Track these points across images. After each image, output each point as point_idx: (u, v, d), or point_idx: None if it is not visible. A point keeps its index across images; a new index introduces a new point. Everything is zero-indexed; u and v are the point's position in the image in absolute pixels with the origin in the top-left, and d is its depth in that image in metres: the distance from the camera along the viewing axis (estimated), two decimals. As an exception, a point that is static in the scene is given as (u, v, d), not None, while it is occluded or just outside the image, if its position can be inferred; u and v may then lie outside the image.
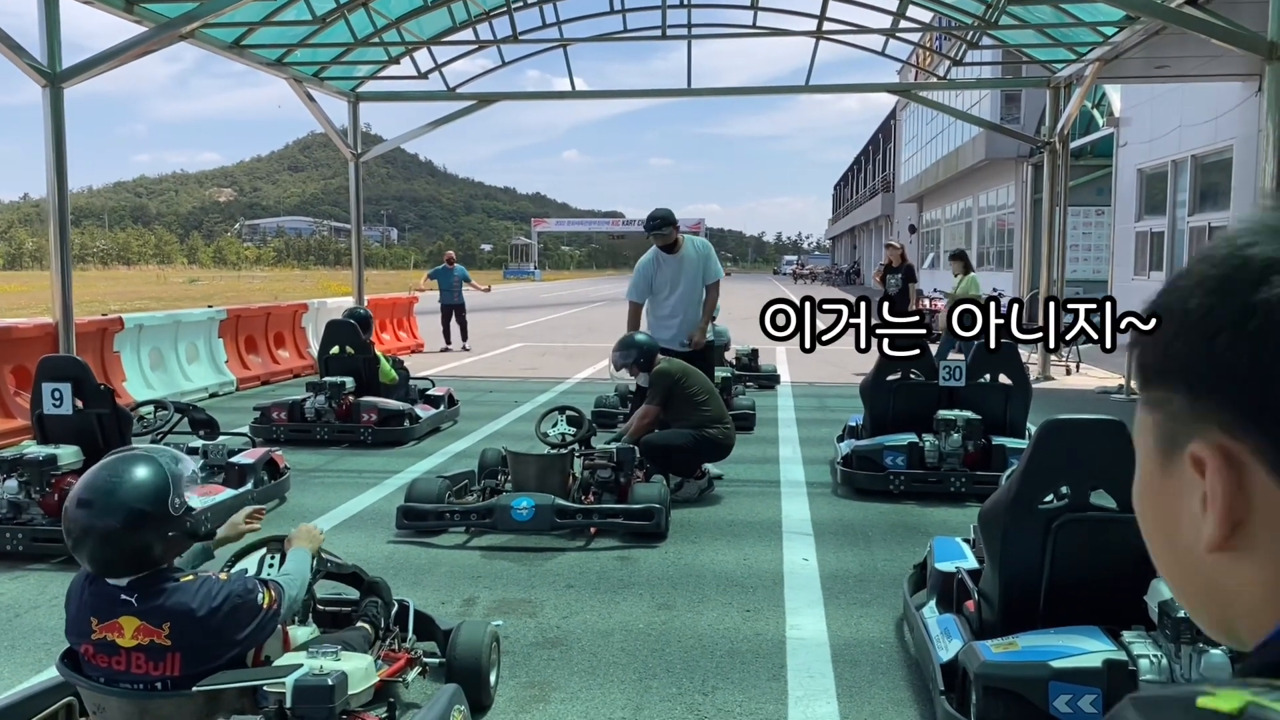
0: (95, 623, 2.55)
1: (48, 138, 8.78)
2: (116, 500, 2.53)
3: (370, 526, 6.05)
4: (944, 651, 3.46)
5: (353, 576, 3.64)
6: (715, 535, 5.90)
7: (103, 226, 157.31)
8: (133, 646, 2.53)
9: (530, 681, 3.82)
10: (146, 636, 2.53)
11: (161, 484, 2.60)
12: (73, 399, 5.73)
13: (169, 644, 2.53)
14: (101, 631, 2.54)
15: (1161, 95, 16.36)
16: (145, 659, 2.53)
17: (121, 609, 2.53)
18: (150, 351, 11.38)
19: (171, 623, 2.54)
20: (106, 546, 2.52)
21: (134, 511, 2.53)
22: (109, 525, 2.51)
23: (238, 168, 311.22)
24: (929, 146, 38.26)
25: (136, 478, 2.58)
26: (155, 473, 2.61)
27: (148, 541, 2.55)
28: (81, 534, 2.53)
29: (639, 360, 6.72)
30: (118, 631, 2.53)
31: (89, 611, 2.56)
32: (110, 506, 2.53)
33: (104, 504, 2.53)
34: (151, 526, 2.55)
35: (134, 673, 2.54)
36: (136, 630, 2.53)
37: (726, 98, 20.94)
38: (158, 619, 2.53)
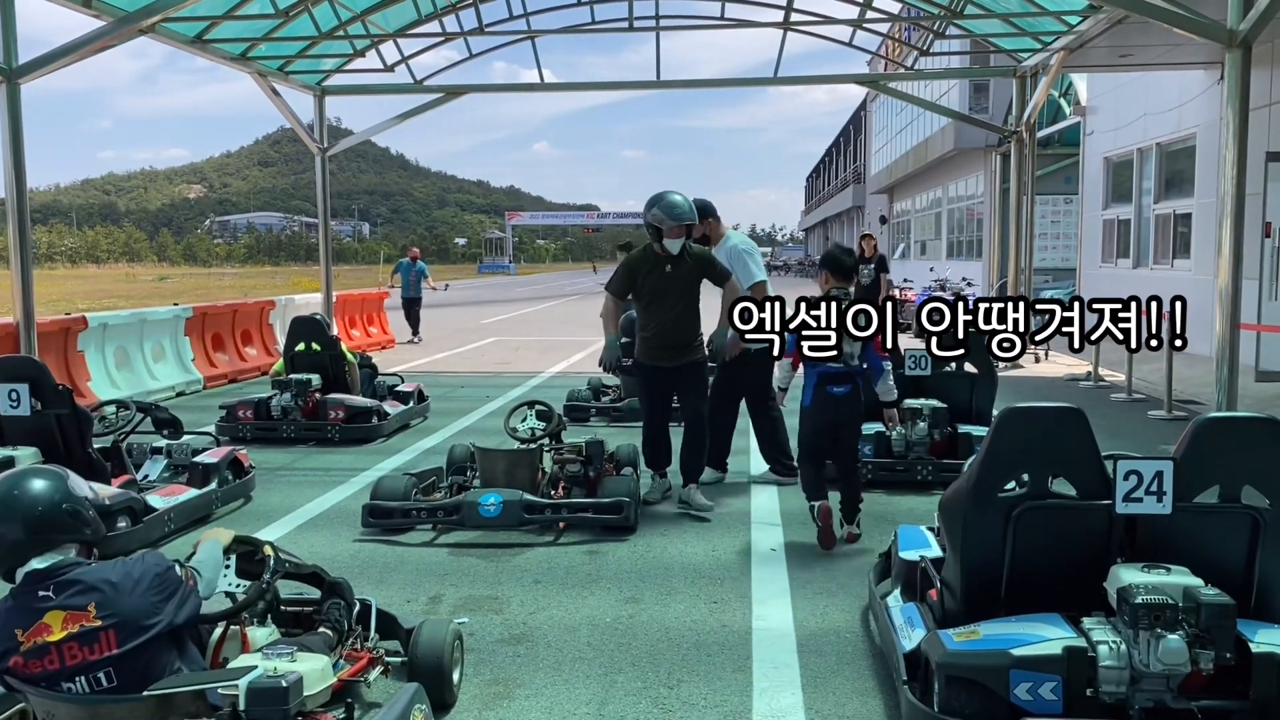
0: (20, 633, 2.51)
1: (5, 135, 8.65)
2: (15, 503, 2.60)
3: (336, 525, 6.00)
4: (907, 641, 3.46)
5: (313, 576, 3.59)
6: (684, 527, 5.89)
7: (71, 225, 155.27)
8: (63, 638, 2.49)
9: (495, 679, 3.79)
10: (75, 623, 2.50)
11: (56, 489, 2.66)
12: (30, 400, 5.65)
13: (98, 623, 2.51)
14: (29, 639, 2.50)
15: (1126, 84, 16.48)
16: (79, 646, 2.50)
17: (42, 605, 2.51)
18: (115, 351, 11.23)
19: (95, 600, 2.52)
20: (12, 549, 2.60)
21: (34, 515, 2.59)
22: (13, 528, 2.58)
23: (207, 164, 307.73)
24: (899, 138, 38.41)
25: (33, 482, 2.65)
26: (50, 479, 2.69)
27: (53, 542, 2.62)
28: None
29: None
30: (45, 631, 2.50)
31: (11, 627, 2.53)
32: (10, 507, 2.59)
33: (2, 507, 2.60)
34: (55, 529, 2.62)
35: (69, 665, 2.50)
36: (64, 621, 2.50)
37: (697, 90, 20.93)
38: (81, 601, 2.51)
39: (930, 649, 3.19)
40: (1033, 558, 3.34)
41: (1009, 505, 3.34)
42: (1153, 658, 2.93)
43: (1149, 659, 2.93)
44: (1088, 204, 18.90)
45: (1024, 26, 12.21)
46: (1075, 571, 3.32)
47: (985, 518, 3.35)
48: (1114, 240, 17.68)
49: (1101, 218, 18.12)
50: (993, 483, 3.38)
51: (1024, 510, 3.32)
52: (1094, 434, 3.37)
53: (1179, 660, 2.90)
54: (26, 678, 2.53)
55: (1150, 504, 3.20)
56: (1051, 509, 3.34)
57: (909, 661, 3.36)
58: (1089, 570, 3.28)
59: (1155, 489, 3.18)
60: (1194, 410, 9.32)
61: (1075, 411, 3.39)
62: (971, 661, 3.05)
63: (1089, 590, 3.27)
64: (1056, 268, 22.17)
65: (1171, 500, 3.19)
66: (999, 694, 2.99)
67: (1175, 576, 3.06)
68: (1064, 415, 3.38)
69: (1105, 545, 3.32)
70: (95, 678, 2.54)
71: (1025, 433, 3.38)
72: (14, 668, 2.53)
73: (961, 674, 3.04)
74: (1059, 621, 3.14)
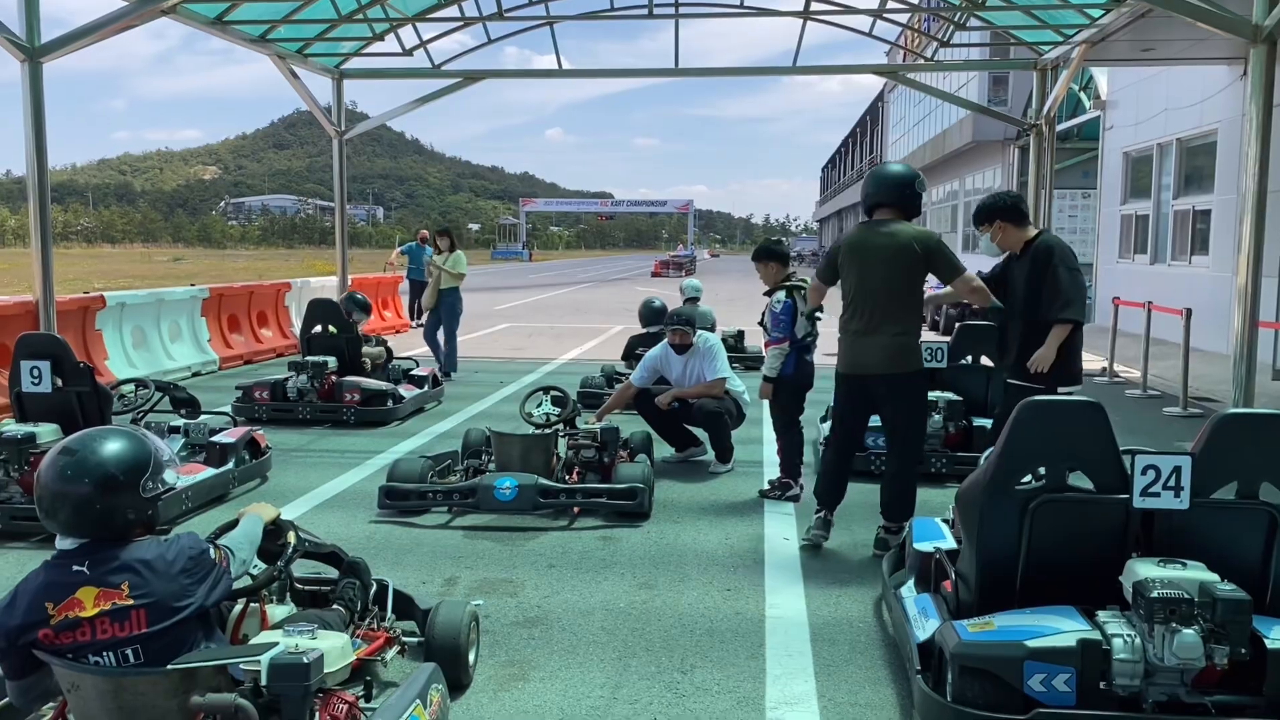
0: (51, 607, 2.52)
1: (27, 114, 8.68)
2: (95, 459, 2.55)
3: (352, 506, 6.04)
4: (921, 631, 3.48)
5: (331, 556, 3.63)
6: (698, 515, 5.91)
7: (87, 205, 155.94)
8: (95, 614, 2.51)
9: (510, 660, 3.83)
10: (107, 600, 2.51)
11: (141, 459, 2.61)
12: (51, 377, 5.70)
13: (131, 601, 2.52)
14: (60, 612, 2.52)
15: (1148, 78, 16.37)
16: (110, 621, 2.52)
17: (76, 580, 2.52)
18: (133, 330, 11.30)
19: (129, 579, 2.53)
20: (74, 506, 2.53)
21: (109, 475, 2.54)
22: (81, 486, 2.52)
23: (222, 145, 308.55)
24: (916, 129, 38.23)
25: (119, 445, 2.60)
26: (137, 446, 2.63)
27: (112, 509, 2.55)
28: (53, 482, 2.53)
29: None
30: (77, 606, 2.52)
31: (42, 598, 2.54)
32: (87, 464, 2.53)
33: (83, 459, 2.54)
34: (121, 496, 2.55)
35: (100, 638, 2.52)
36: (97, 598, 2.51)
37: (713, 79, 20.81)
38: (115, 579, 2.52)
39: (944, 639, 3.21)
40: (1049, 551, 3.35)
41: (1026, 498, 3.35)
42: (1167, 652, 2.93)
43: (1163, 653, 2.94)
44: (1106, 199, 18.80)
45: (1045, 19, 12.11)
46: (1091, 565, 3.33)
47: (1002, 510, 3.36)
48: (1132, 236, 17.59)
49: (1120, 213, 18.02)
50: (1010, 475, 3.38)
51: (1041, 503, 3.33)
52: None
53: (1194, 655, 2.91)
54: (54, 649, 2.56)
55: (1168, 499, 3.20)
56: (1068, 502, 3.35)
57: (922, 651, 3.38)
58: (1105, 564, 3.29)
59: (1173, 484, 3.19)
60: (1209, 408, 9.29)
61: (1094, 406, 3.39)
62: (986, 652, 3.06)
63: (1104, 584, 3.27)
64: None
65: (1189, 495, 3.20)
66: (1013, 685, 3.01)
67: (1191, 571, 3.07)
68: (1083, 409, 3.39)
69: (1121, 539, 3.33)
70: (123, 653, 2.57)
71: (1044, 426, 3.38)
72: (43, 639, 2.56)
73: (975, 664, 3.05)
74: (1074, 614, 3.15)
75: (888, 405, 5.20)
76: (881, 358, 5.07)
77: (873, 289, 5.09)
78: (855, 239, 5.22)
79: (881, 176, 5.26)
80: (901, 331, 5.06)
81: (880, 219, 5.15)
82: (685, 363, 7.16)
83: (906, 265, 5.01)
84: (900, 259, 5.00)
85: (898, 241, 5.01)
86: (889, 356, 5.06)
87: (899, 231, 5.04)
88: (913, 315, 5.11)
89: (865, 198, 5.28)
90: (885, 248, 5.04)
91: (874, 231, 5.13)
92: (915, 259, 4.99)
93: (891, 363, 5.06)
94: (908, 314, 5.09)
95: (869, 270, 5.09)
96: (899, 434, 5.23)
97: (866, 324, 5.11)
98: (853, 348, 5.19)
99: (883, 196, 5.15)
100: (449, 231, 12.19)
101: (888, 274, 5.05)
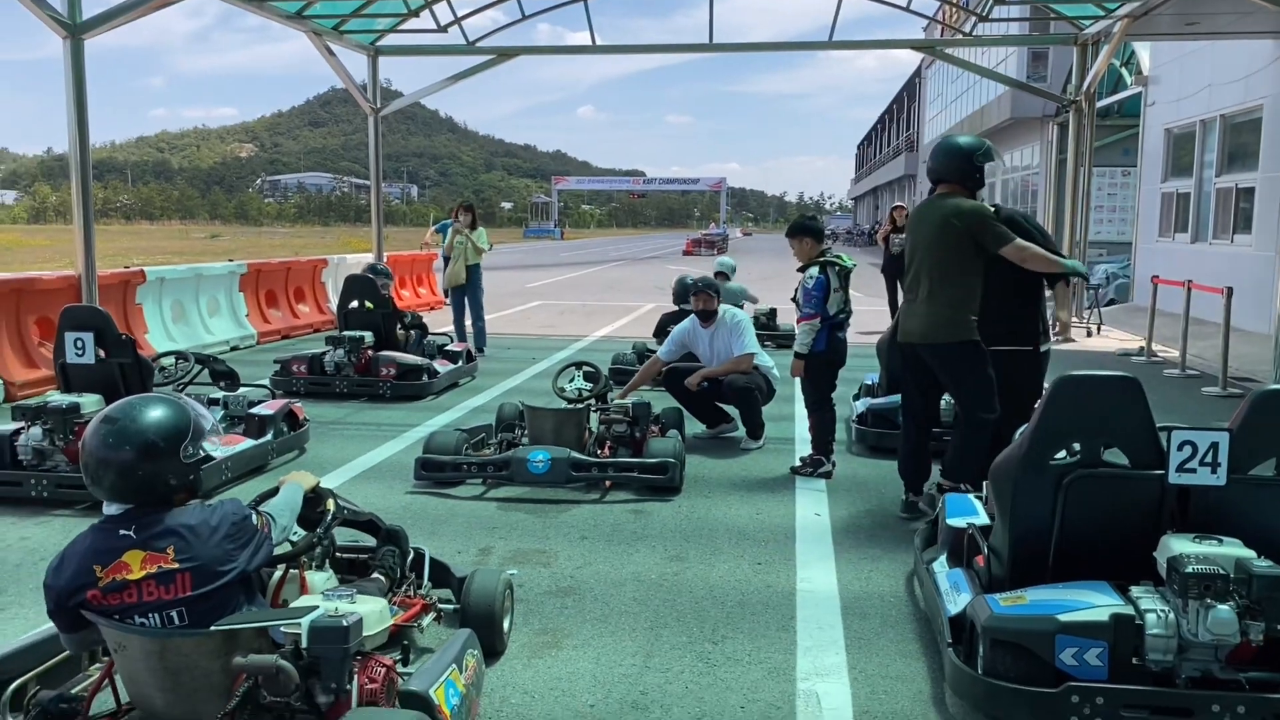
0: (99, 569, 2.59)
1: (68, 90, 8.82)
2: (136, 427, 2.61)
3: (388, 478, 6.12)
4: (952, 605, 3.48)
5: (369, 524, 3.69)
6: (729, 490, 5.94)
7: (126, 182, 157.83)
8: (142, 577, 2.58)
9: (543, 629, 3.88)
10: (154, 564, 2.58)
11: (181, 426, 2.67)
12: (95, 348, 5.81)
13: (176, 565, 2.58)
14: (107, 575, 2.59)
15: (1191, 53, 16.05)
16: (156, 584, 2.58)
17: (123, 545, 2.59)
18: (172, 304, 11.47)
19: (175, 543, 2.59)
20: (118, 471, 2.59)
21: (150, 442, 2.60)
22: (123, 452, 2.58)
23: (259, 123, 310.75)
24: (954, 105, 37.79)
25: (159, 412, 2.67)
26: (177, 414, 2.70)
27: (154, 475, 2.61)
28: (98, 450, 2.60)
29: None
30: (124, 569, 2.58)
31: (90, 561, 2.60)
32: (129, 432, 2.60)
33: (124, 427, 2.61)
34: (162, 462, 2.61)
35: (146, 600, 2.59)
36: (143, 561, 2.58)
37: (746, 55, 20.68)
38: (161, 544, 2.59)
39: (976, 613, 3.21)
40: (1082, 526, 3.34)
41: (1060, 473, 3.33)
42: (1201, 627, 2.92)
43: (1197, 629, 2.93)
44: (1146, 177, 18.50)
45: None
46: (1125, 541, 3.32)
47: (1036, 485, 3.35)
48: (1172, 214, 17.31)
49: (1160, 191, 17.73)
50: (1045, 450, 3.37)
51: (1075, 478, 3.31)
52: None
53: (1228, 631, 2.89)
54: (102, 610, 2.63)
55: (1204, 475, 3.18)
56: (1103, 478, 3.33)
57: (954, 625, 3.39)
58: (1139, 540, 3.27)
59: (1210, 460, 3.17)
60: (1249, 387, 9.16)
61: (1131, 381, 3.36)
62: (1017, 626, 3.06)
63: (1138, 560, 3.26)
64: (1112, 241, 21.78)
65: (1226, 472, 3.17)
66: (1044, 659, 3.01)
67: (1227, 548, 3.05)
68: (1120, 384, 3.36)
69: (1156, 516, 3.31)
70: (168, 615, 2.63)
71: (1079, 401, 3.36)
72: (91, 600, 2.63)
73: (1007, 638, 3.05)
74: (1107, 589, 3.14)
75: (939, 375, 5.23)
76: (923, 327, 5.13)
77: (922, 261, 5.15)
78: (916, 212, 5.34)
79: (939, 150, 5.26)
80: (945, 304, 5.06)
81: (939, 193, 5.17)
82: (712, 337, 7.13)
83: (949, 240, 5.01)
84: (944, 234, 5.01)
85: (940, 215, 5.04)
86: (930, 326, 5.10)
87: (943, 206, 5.06)
88: (959, 289, 5.06)
89: (929, 171, 5.30)
90: (933, 222, 5.09)
91: (928, 205, 5.21)
92: (957, 233, 4.97)
93: (932, 332, 5.10)
94: (953, 288, 5.06)
95: (920, 243, 5.17)
96: (959, 402, 5.26)
97: (915, 294, 5.20)
98: (903, 316, 5.34)
99: (940, 171, 5.17)
100: (472, 207, 12.21)
101: (933, 248, 5.08)
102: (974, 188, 5.16)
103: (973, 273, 5.08)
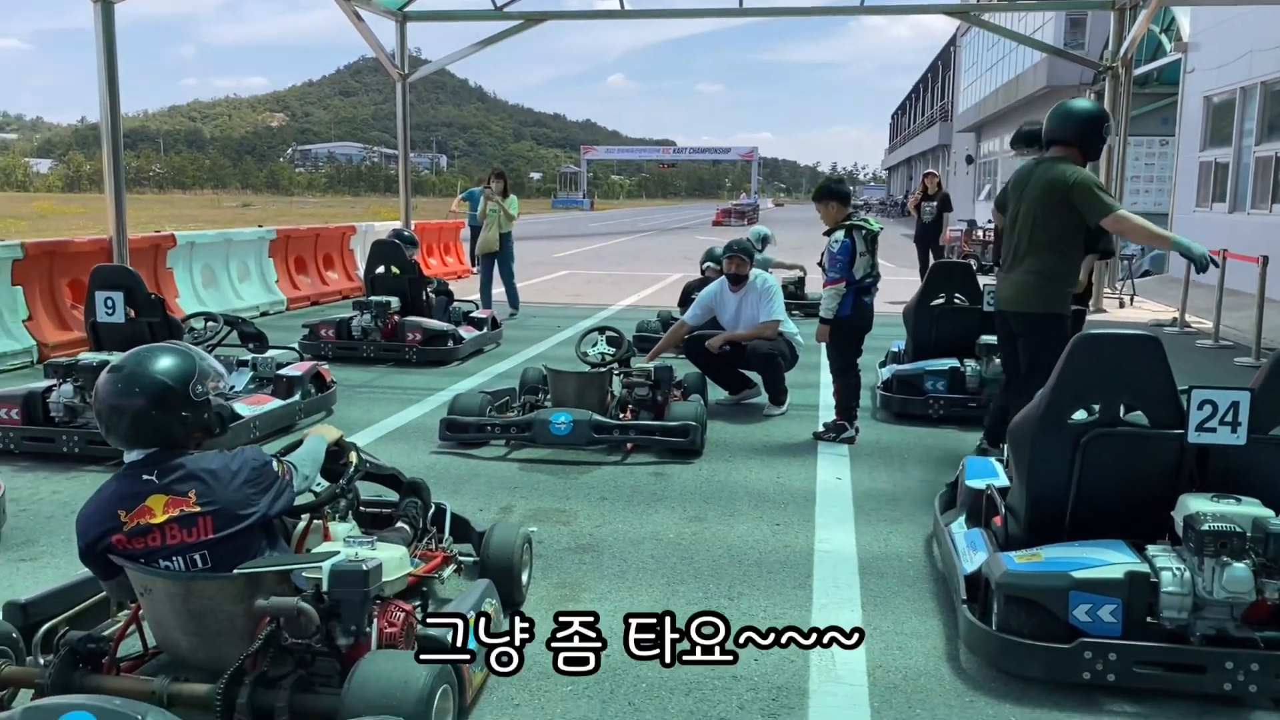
0: (123, 514, 2.66)
1: (99, 54, 8.89)
2: (143, 370, 2.68)
3: (413, 439, 6.19)
4: (969, 563, 3.49)
5: (391, 478, 3.74)
6: (750, 454, 5.95)
7: (158, 151, 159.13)
8: (165, 520, 2.64)
9: (562, 583, 3.93)
10: (176, 508, 2.64)
11: (187, 367, 2.74)
12: (125, 307, 5.90)
13: (198, 509, 2.65)
14: (132, 519, 2.66)
15: (1232, 18, 15.70)
16: (179, 528, 2.65)
17: (145, 489, 2.65)
18: (202, 269, 11.60)
19: (196, 487, 2.65)
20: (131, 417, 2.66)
21: (159, 384, 2.67)
22: (134, 398, 2.64)
23: (289, 92, 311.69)
24: (989, 74, 37.25)
25: (164, 357, 2.74)
26: (182, 356, 2.77)
27: (167, 417, 2.68)
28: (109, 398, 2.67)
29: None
30: (148, 514, 2.65)
31: (115, 506, 2.67)
32: (136, 375, 2.67)
33: (131, 372, 2.68)
34: (172, 403, 2.67)
35: (170, 543, 2.65)
36: (166, 505, 2.64)
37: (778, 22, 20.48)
38: (182, 488, 2.65)
39: (991, 569, 3.22)
40: (1100, 485, 3.33)
41: (1078, 432, 3.33)
42: (1216, 585, 2.92)
43: (1213, 586, 2.93)
44: (1184, 146, 18.17)
45: (1125, -45, 11.70)
46: (1142, 501, 3.31)
47: (1053, 444, 3.35)
48: (1210, 184, 17.02)
49: (1198, 160, 17.43)
50: (1063, 409, 3.36)
51: (1094, 437, 3.31)
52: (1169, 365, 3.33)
53: (1244, 589, 2.89)
54: (127, 553, 2.70)
55: (1224, 434, 3.16)
56: (1121, 437, 3.32)
57: (969, 583, 3.40)
58: (1156, 500, 3.27)
59: (1230, 419, 3.15)
60: (1283, 358, 9.03)
61: (1151, 339, 3.34)
62: (1031, 582, 3.07)
63: (1156, 520, 3.26)
64: (1149, 212, 21.33)
65: (1246, 431, 3.15)
66: (1058, 615, 3.02)
67: (1246, 507, 3.04)
68: (1139, 343, 3.34)
69: (1175, 475, 3.30)
70: (191, 558, 2.70)
71: (1098, 360, 3.34)
72: (116, 544, 2.70)
73: (1021, 594, 3.07)
74: (1123, 547, 3.15)
75: (1022, 341, 5.14)
76: (1013, 294, 5.06)
77: (1020, 225, 5.01)
78: (1020, 173, 5.14)
79: (1060, 112, 5.05)
80: (1037, 271, 4.94)
81: (1051, 156, 4.98)
82: (739, 301, 7.11)
83: (1052, 204, 4.83)
84: (1047, 197, 4.84)
85: (1048, 179, 4.85)
86: (1019, 293, 5.02)
87: (1052, 169, 4.87)
88: (1055, 257, 4.92)
89: (1045, 132, 5.09)
90: (1038, 185, 4.91)
91: (1037, 167, 5.01)
92: (1061, 198, 4.80)
93: (1020, 300, 5.02)
94: (1049, 254, 4.92)
95: (1021, 206, 5.00)
96: (1029, 372, 5.05)
97: (1010, 259, 5.09)
98: (999, 282, 5.24)
99: (1058, 133, 4.96)
100: (504, 175, 12.25)
101: (1034, 211, 4.92)
102: (1092, 156, 5.00)
103: (1072, 243, 4.92)
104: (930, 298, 7.17)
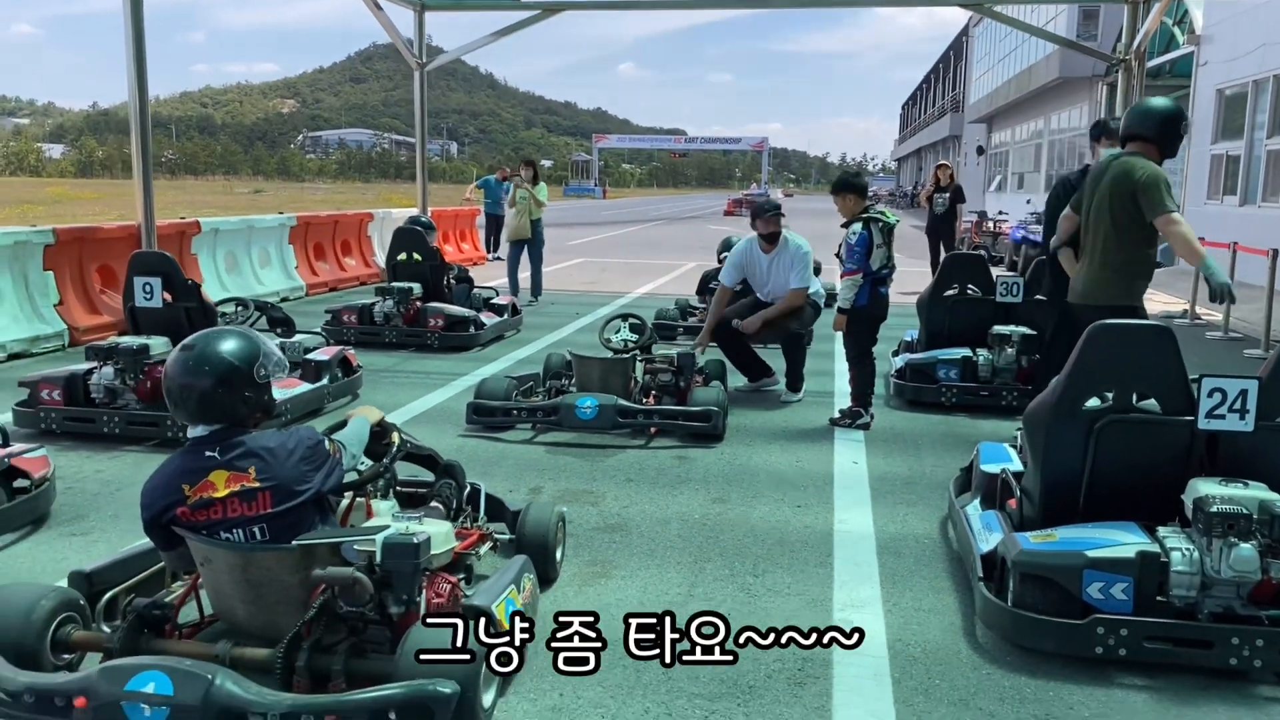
0: (187, 488, 2.83)
1: (128, 40, 9.01)
2: (214, 350, 2.87)
3: (440, 422, 6.35)
4: (984, 543, 3.64)
5: (429, 459, 3.89)
6: (770, 439, 6.10)
7: (170, 136, 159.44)
8: (227, 495, 2.82)
9: (593, 560, 4.09)
10: (237, 482, 2.82)
11: (253, 350, 2.93)
12: (162, 292, 6.06)
13: (258, 484, 2.83)
14: (195, 493, 2.82)
15: (1246, 11, 15.74)
16: (240, 502, 2.83)
17: (208, 465, 2.83)
18: (225, 255, 11.78)
19: (255, 464, 2.84)
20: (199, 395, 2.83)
21: (227, 364, 2.85)
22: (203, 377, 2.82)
23: (300, 79, 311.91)
24: (1000, 65, 37.17)
25: (233, 339, 2.93)
26: (248, 340, 2.96)
27: (233, 396, 2.86)
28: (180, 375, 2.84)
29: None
30: (210, 488, 2.82)
31: (179, 480, 2.84)
32: (207, 354, 2.86)
33: (202, 351, 2.87)
34: (238, 383, 2.86)
35: (230, 516, 2.82)
36: (227, 480, 2.83)
37: (789, 12, 20.42)
38: (243, 464, 2.83)
39: (1007, 548, 3.37)
40: (1112, 470, 3.47)
41: (1092, 418, 3.46)
42: (1224, 565, 3.06)
43: (1220, 566, 3.07)
44: (1196, 138, 18.21)
45: (1140, -52, 11.74)
46: (1154, 485, 3.44)
47: (1068, 429, 3.48)
48: (1221, 177, 17.07)
49: (1210, 153, 17.48)
50: (1077, 396, 3.50)
51: (1107, 423, 3.44)
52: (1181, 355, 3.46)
53: (1250, 568, 3.03)
54: (190, 525, 2.86)
55: (1233, 421, 3.30)
56: (1134, 423, 3.46)
57: (985, 562, 3.54)
58: (1167, 485, 3.40)
59: (1239, 407, 3.28)
60: (1292, 351, 9.13)
61: (1164, 330, 3.47)
62: (1046, 560, 3.22)
63: (1167, 504, 3.39)
64: (1159, 204, 21.40)
65: (1254, 418, 3.29)
66: (1071, 592, 3.16)
67: (1253, 490, 3.17)
68: (1152, 333, 3.48)
69: (1185, 460, 3.43)
70: (250, 531, 2.86)
71: (1112, 349, 3.48)
72: (181, 517, 2.86)
73: (1036, 571, 3.21)
74: (1135, 529, 3.29)
75: None
76: (1084, 287, 5.09)
77: (1093, 219, 5.04)
78: (1097, 168, 5.16)
79: (1139, 109, 5.09)
80: (1108, 264, 4.98)
81: (1128, 151, 4.98)
82: (771, 262, 7.08)
83: (1121, 198, 4.86)
84: (1118, 191, 4.87)
85: (1120, 173, 4.87)
86: (1089, 287, 5.05)
87: (1126, 163, 4.89)
88: (1126, 251, 4.94)
89: (1123, 129, 5.12)
90: (1110, 179, 4.93)
91: (1113, 162, 5.02)
92: (1130, 193, 4.81)
93: (1090, 293, 5.04)
94: (1119, 248, 4.95)
95: (1094, 200, 5.03)
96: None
97: (1085, 252, 5.13)
98: (1075, 278, 5.24)
99: (1136, 129, 4.98)
100: (534, 163, 12.40)
101: (1105, 205, 4.95)
102: (1169, 154, 5.01)
103: (1143, 236, 4.91)
104: (944, 288, 7.30)
